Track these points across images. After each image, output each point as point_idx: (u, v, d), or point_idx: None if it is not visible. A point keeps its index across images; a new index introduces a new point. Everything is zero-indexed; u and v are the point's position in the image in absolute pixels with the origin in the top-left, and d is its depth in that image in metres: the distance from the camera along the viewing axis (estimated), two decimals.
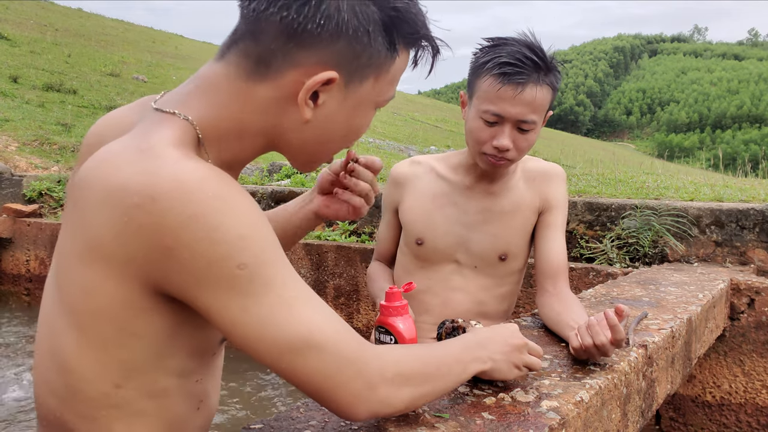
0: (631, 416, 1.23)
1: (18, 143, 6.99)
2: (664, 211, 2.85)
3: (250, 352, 0.69)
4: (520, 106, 1.33)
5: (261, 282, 0.66)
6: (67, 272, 0.69)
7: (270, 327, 0.67)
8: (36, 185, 5.30)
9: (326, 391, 0.70)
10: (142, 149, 0.67)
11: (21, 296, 4.94)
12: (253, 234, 0.66)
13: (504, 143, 1.35)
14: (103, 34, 22.47)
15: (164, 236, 0.63)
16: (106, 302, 0.67)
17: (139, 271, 0.65)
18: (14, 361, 3.68)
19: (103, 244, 0.65)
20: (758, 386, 2.43)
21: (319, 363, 0.69)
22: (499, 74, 1.32)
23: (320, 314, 0.70)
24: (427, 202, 1.54)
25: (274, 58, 0.71)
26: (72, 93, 10.72)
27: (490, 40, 1.39)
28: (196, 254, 0.63)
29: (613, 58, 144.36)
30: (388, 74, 0.78)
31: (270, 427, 0.86)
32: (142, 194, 0.63)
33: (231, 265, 0.64)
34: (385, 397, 0.73)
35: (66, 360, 0.70)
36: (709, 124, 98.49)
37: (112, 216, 0.64)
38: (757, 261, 2.67)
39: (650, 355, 1.32)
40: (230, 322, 0.67)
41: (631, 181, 4.06)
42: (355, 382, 0.71)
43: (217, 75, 0.74)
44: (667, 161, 13.62)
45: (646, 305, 1.73)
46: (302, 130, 0.76)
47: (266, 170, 5.67)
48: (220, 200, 0.64)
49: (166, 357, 0.72)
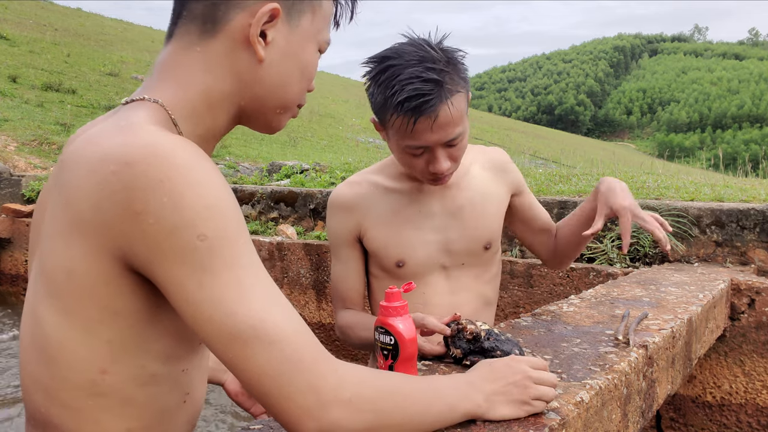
0: (631, 417, 1.23)
1: (17, 143, 6.99)
2: (664, 211, 2.84)
3: (200, 334, 0.66)
4: (440, 131, 1.23)
5: (220, 259, 0.64)
6: (51, 255, 0.69)
7: (222, 308, 0.64)
8: (35, 185, 5.30)
9: (273, 397, 0.66)
10: (121, 126, 0.69)
11: (20, 296, 4.94)
12: (220, 207, 0.65)
13: (442, 167, 1.28)
14: (103, 33, 22.47)
15: (134, 201, 0.63)
16: (88, 281, 0.66)
17: (112, 242, 0.65)
18: (15, 361, 3.67)
19: (84, 217, 0.65)
20: (758, 386, 2.43)
21: (269, 361, 0.64)
22: (407, 112, 1.20)
23: (280, 308, 0.67)
24: (392, 221, 1.42)
25: (218, 10, 0.75)
26: (71, 93, 10.73)
27: (375, 60, 1.26)
28: (160, 219, 0.63)
29: (613, 58, 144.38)
30: (322, 9, 0.82)
31: (270, 427, 0.86)
32: (119, 161, 0.64)
33: (191, 234, 0.63)
34: (336, 419, 0.67)
35: (51, 348, 0.70)
36: (709, 123, 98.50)
37: (91, 186, 0.65)
38: (757, 261, 2.67)
39: (651, 355, 1.32)
40: (184, 299, 0.64)
41: (631, 181, 4.06)
42: (305, 395, 0.66)
43: (171, 53, 0.77)
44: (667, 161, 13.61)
45: (646, 305, 1.73)
46: (261, 78, 0.78)
47: (266, 170, 5.67)
48: (190, 169, 0.65)
49: (150, 339, 0.71)
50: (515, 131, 29.07)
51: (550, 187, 3.76)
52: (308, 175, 5.10)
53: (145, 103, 0.74)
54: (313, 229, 4.03)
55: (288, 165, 5.43)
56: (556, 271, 2.93)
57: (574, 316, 1.57)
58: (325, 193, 4.04)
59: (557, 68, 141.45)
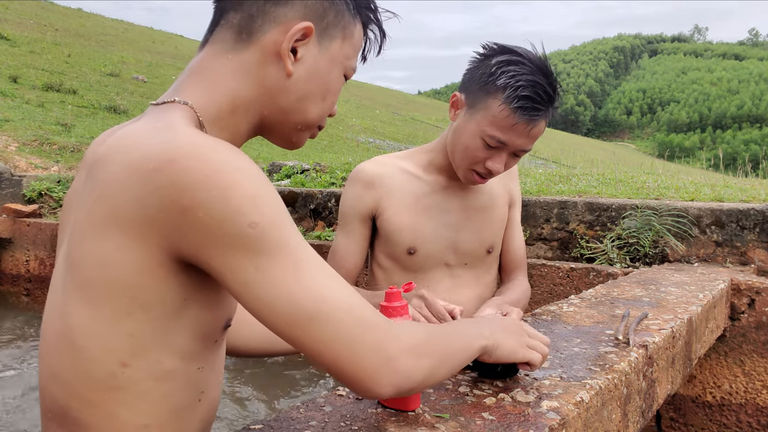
0: (631, 416, 1.23)
1: (18, 143, 6.99)
2: (664, 211, 2.85)
3: (262, 317, 0.68)
4: (526, 139, 1.32)
5: (273, 243, 0.67)
6: (82, 248, 0.70)
7: (282, 289, 0.67)
8: (36, 185, 5.30)
9: (344, 364, 0.69)
10: (158, 126, 0.72)
11: (21, 296, 4.94)
12: (264, 195, 0.68)
13: (498, 168, 1.34)
14: (103, 34, 22.48)
15: (181, 196, 0.65)
16: (121, 272, 0.68)
17: (158, 235, 0.67)
18: (14, 360, 3.68)
19: (122, 213, 0.67)
20: (759, 386, 2.43)
21: (336, 331, 0.68)
22: (518, 108, 1.27)
23: (335, 282, 0.71)
24: (412, 207, 1.44)
25: (254, 22, 0.79)
26: (72, 93, 10.72)
27: (498, 48, 1.33)
28: (210, 212, 0.65)
29: (613, 58, 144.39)
30: (353, 38, 0.86)
31: (270, 427, 0.86)
32: (161, 159, 0.66)
33: (243, 223, 0.66)
34: (405, 369, 0.72)
35: (75, 339, 0.71)
36: (709, 124, 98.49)
37: (133, 184, 0.67)
38: (757, 261, 2.67)
39: (650, 355, 1.32)
40: (243, 283, 0.67)
41: (631, 181, 4.06)
42: (374, 354, 0.70)
43: (204, 59, 0.81)
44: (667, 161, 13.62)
45: (646, 305, 1.73)
46: (287, 91, 0.81)
47: (266, 170, 5.67)
48: (232, 163, 0.68)
49: (171, 334, 0.73)
50: None
51: (550, 187, 3.76)
52: (308, 175, 5.10)
53: (176, 105, 0.77)
54: (314, 230, 4.03)
55: (288, 165, 5.43)
56: (556, 271, 2.93)
57: (574, 316, 1.57)
58: (325, 194, 4.04)
59: (557, 68, 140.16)
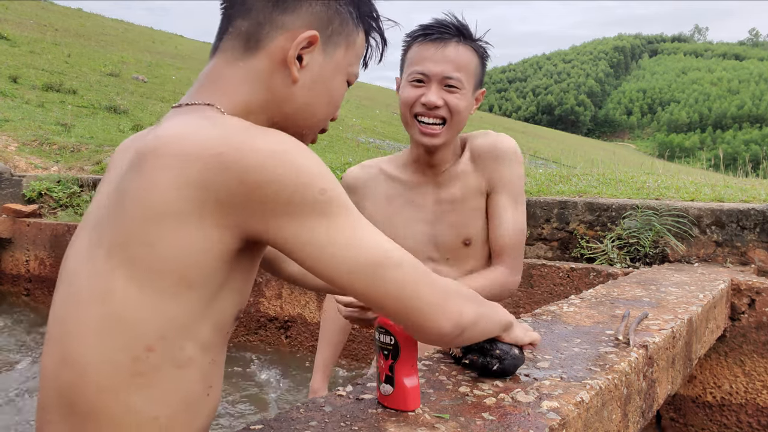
0: (631, 417, 1.23)
1: (17, 143, 6.99)
2: (664, 211, 2.85)
3: (335, 275, 0.75)
4: (443, 63, 1.37)
5: (338, 206, 0.75)
6: (132, 232, 0.74)
7: (353, 244, 0.75)
8: (35, 185, 5.30)
9: (411, 300, 0.77)
10: (205, 118, 0.77)
11: (20, 296, 4.94)
12: (323, 167, 0.76)
13: (431, 99, 1.37)
14: (103, 34, 22.48)
15: (251, 173, 0.70)
16: (172, 252, 0.72)
17: (221, 214, 0.72)
18: (14, 360, 3.68)
19: (180, 197, 0.71)
20: (759, 386, 2.43)
21: (402, 276, 0.77)
22: (422, 35, 1.39)
23: (386, 238, 0.80)
24: (387, 206, 1.51)
25: (262, 30, 0.83)
26: (72, 93, 10.72)
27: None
28: (282, 184, 0.71)
29: (613, 58, 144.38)
30: (356, 45, 0.90)
31: (270, 427, 0.86)
32: (223, 145, 0.71)
33: (314, 190, 0.73)
34: (458, 307, 0.82)
35: (107, 320, 0.73)
36: (709, 124, 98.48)
37: (193, 169, 0.71)
38: (757, 261, 2.67)
39: (651, 355, 1.32)
40: (317, 247, 0.74)
41: (631, 181, 4.06)
42: (432, 292, 0.79)
43: (216, 67, 0.85)
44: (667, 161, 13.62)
45: (646, 305, 1.73)
46: (293, 97, 0.85)
47: None
48: (290, 141, 0.75)
49: (201, 319, 0.77)
50: (516, 131, 29.06)
51: (550, 187, 3.76)
52: None
53: (201, 106, 0.81)
54: None
55: None
56: (556, 271, 2.93)
57: (574, 316, 1.57)
58: None
59: (557, 68, 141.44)
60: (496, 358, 1.03)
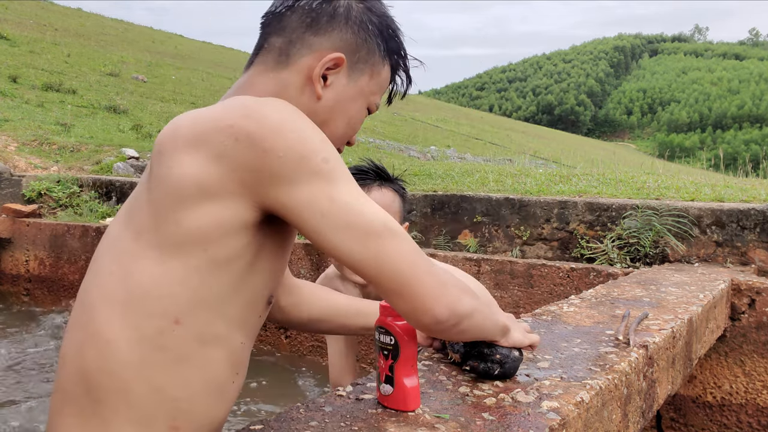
0: (631, 417, 1.23)
1: (17, 143, 6.99)
2: (664, 211, 2.85)
3: (336, 241, 0.77)
4: None
5: (340, 175, 0.78)
6: (159, 214, 0.78)
7: (354, 212, 0.77)
8: (35, 185, 5.30)
9: (407, 278, 0.78)
10: (221, 103, 0.82)
11: (20, 296, 4.94)
12: (326, 138, 0.80)
13: None
14: (103, 33, 22.48)
15: (262, 141, 0.75)
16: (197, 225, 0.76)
17: (237, 184, 0.76)
18: (14, 359, 3.68)
19: (197, 174, 0.76)
20: (759, 387, 2.42)
21: (400, 247, 0.78)
22: None
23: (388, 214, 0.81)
24: None
25: (293, 47, 0.89)
26: (71, 93, 10.71)
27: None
28: (289, 150, 0.75)
29: (613, 58, 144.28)
30: (380, 76, 0.94)
31: (270, 427, 0.86)
32: (237, 116, 0.77)
33: (318, 159, 0.77)
34: (455, 295, 0.82)
35: (135, 293, 0.76)
36: (709, 124, 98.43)
37: (207, 144, 0.76)
38: (757, 261, 2.67)
39: (651, 355, 1.32)
40: (320, 213, 0.76)
41: (631, 181, 4.06)
42: (429, 277, 0.80)
43: (249, 77, 0.91)
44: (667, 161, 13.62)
45: (646, 305, 1.73)
46: (314, 112, 0.88)
47: None
48: (297, 112, 0.80)
49: (230, 296, 0.80)
50: (516, 131, 29.07)
51: (551, 187, 3.76)
52: None
53: None
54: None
55: None
56: (556, 271, 2.93)
57: (574, 316, 1.57)
58: None
59: (557, 68, 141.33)
60: (497, 362, 1.02)
